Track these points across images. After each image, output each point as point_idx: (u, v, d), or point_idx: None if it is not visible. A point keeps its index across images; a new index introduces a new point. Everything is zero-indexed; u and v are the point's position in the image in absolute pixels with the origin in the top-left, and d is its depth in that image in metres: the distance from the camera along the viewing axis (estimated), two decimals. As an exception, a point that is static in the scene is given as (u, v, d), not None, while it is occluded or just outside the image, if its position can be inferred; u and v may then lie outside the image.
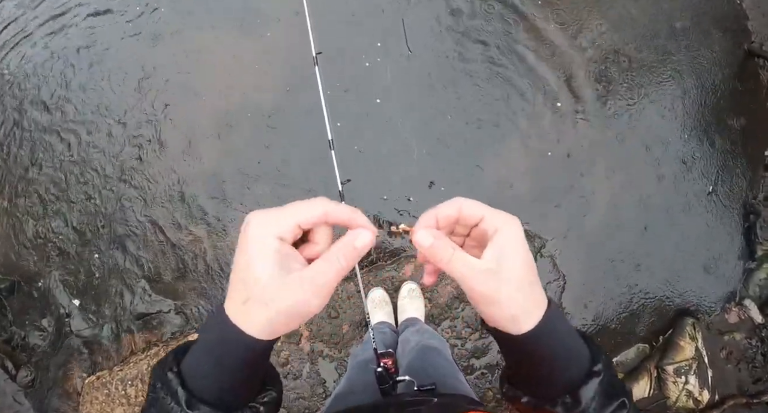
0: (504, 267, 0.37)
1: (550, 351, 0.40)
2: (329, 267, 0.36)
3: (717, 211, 2.15)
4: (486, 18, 2.14)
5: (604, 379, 0.40)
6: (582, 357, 0.41)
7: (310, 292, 0.34)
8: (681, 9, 2.21)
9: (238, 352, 0.35)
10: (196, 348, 0.38)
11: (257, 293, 0.34)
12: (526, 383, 0.44)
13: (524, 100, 2.09)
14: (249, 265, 0.34)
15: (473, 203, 0.41)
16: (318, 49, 0.95)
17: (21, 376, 2.15)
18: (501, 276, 0.37)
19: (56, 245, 2.13)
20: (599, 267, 2.03)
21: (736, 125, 2.23)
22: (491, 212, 0.40)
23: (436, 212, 0.42)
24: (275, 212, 0.36)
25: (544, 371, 0.41)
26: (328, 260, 0.36)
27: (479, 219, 0.40)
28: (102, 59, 2.17)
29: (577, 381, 0.40)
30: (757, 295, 2.15)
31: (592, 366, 0.40)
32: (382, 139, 2.04)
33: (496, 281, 0.37)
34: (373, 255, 1.98)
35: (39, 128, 2.19)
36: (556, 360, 0.40)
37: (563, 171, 2.06)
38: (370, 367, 0.88)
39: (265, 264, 0.34)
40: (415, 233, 0.41)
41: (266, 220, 0.35)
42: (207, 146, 2.08)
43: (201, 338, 0.38)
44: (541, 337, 0.39)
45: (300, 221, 0.36)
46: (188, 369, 0.37)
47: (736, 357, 2.10)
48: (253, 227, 0.35)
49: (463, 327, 1.87)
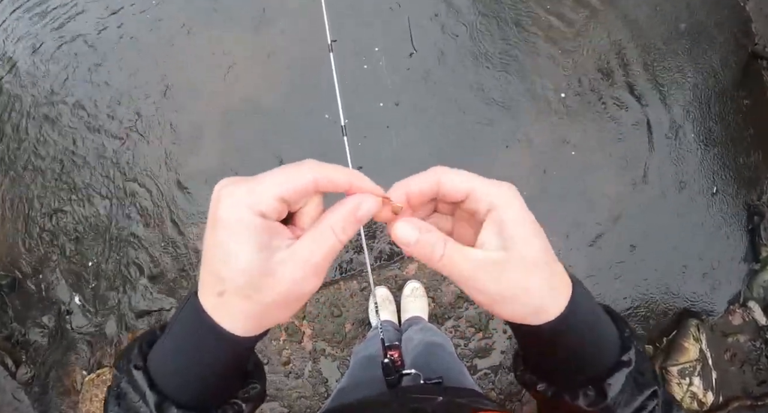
0: (512, 253, 0.30)
1: (576, 340, 0.33)
2: (325, 242, 0.29)
3: (721, 212, 2.14)
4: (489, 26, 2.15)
5: (634, 369, 0.34)
6: (611, 343, 0.35)
7: (301, 274, 0.28)
8: (685, 11, 2.22)
9: (217, 351, 0.30)
10: (167, 342, 0.32)
11: (235, 285, 0.28)
12: (544, 370, 0.38)
13: (532, 100, 2.09)
14: (222, 251, 0.27)
15: (455, 174, 0.32)
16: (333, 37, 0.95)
17: (21, 373, 2.14)
18: (509, 266, 0.30)
19: (58, 241, 2.13)
20: (602, 268, 2.02)
21: (740, 126, 2.23)
22: (480, 184, 0.31)
23: (406, 187, 0.32)
24: (252, 182, 0.28)
25: (568, 361, 0.35)
26: (323, 233, 0.29)
27: (464, 195, 0.32)
28: (106, 54, 2.17)
29: (603, 371, 0.34)
30: (761, 297, 2.14)
31: (621, 354, 0.34)
32: (388, 135, 2.03)
33: (505, 274, 0.30)
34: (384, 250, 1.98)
35: (43, 122, 2.20)
36: (582, 349, 0.34)
37: (567, 170, 2.06)
38: (376, 360, 0.88)
39: (242, 248, 0.27)
40: (395, 228, 0.31)
41: (240, 192, 0.28)
42: (210, 144, 2.08)
43: (172, 331, 0.32)
44: (567, 326, 0.32)
45: (283, 193, 0.28)
46: (157, 366, 0.32)
47: (740, 358, 2.09)
48: (225, 203, 0.28)
49: (467, 327, 1.86)
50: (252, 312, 0.28)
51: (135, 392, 0.31)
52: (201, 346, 0.30)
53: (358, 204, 0.30)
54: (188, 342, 0.31)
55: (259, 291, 0.28)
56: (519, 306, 0.31)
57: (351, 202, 0.30)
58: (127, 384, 0.32)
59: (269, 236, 0.28)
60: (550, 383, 0.37)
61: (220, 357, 0.30)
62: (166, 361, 0.32)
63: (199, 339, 0.30)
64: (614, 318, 0.37)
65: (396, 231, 0.31)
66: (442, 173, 0.32)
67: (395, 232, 0.31)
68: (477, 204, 0.32)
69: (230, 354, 0.31)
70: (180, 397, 0.31)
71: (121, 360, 0.33)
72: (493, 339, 1.86)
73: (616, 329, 0.36)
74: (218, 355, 0.30)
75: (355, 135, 2.02)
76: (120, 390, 0.32)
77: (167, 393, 0.31)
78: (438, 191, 0.32)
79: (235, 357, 0.31)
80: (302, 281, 0.28)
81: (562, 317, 0.32)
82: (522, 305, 0.31)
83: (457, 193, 0.32)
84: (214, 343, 0.30)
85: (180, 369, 0.31)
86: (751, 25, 2.31)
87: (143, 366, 0.32)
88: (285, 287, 0.28)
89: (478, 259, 0.30)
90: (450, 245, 0.31)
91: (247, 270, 0.27)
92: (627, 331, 0.36)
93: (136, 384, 0.31)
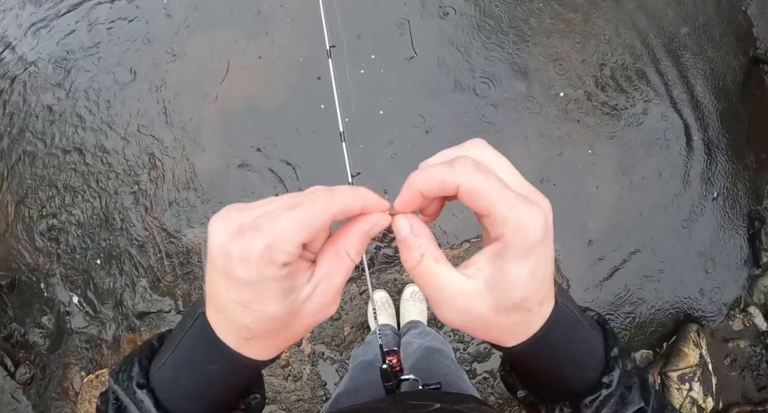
0: (494, 289, 0.28)
1: (551, 359, 0.33)
2: (341, 268, 0.29)
3: (721, 217, 2.14)
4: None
5: (613, 392, 0.33)
6: (593, 365, 0.34)
7: (325, 304, 0.29)
8: (687, 15, 2.22)
9: (233, 374, 0.31)
10: (174, 362, 0.32)
11: (263, 330, 0.28)
12: (526, 380, 0.38)
13: (531, 102, 2.09)
14: (246, 307, 0.27)
15: (479, 182, 0.27)
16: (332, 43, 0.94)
17: (20, 373, 2.14)
18: (485, 301, 0.28)
19: (59, 242, 2.13)
20: (602, 273, 2.02)
21: (741, 130, 2.23)
22: (500, 207, 0.27)
23: (418, 183, 0.29)
24: (267, 233, 0.25)
25: (546, 377, 0.34)
26: (339, 259, 0.29)
27: (485, 213, 0.28)
28: (105, 56, 2.18)
29: (584, 389, 0.33)
30: (761, 302, 2.13)
31: (602, 376, 0.33)
32: (388, 137, 2.04)
33: (477, 305, 0.28)
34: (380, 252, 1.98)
35: (44, 125, 2.20)
36: (560, 367, 0.33)
37: (567, 174, 2.05)
38: (374, 366, 0.88)
39: (268, 303, 0.27)
40: (395, 219, 0.30)
41: (257, 248, 0.25)
42: (210, 148, 2.09)
43: (180, 352, 0.32)
44: (540, 347, 0.31)
45: (304, 239, 0.26)
46: (162, 385, 0.32)
47: (740, 364, 2.09)
48: (242, 263, 0.25)
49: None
50: (278, 345, 0.30)
51: (139, 410, 0.31)
52: (218, 370, 0.30)
53: (371, 226, 0.29)
54: (201, 364, 0.31)
55: (287, 329, 0.29)
56: (478, 334, 0.30)
57: (363, 225, 0.29)
58: (127, 399, 0.31)
59: (292, 281, 0.27)
60: (529, 391, 0.37)
61: (235, 381, 0.32)
62: (175, 383, 0.32)
63: (214, 363, 0.30)
64: (606, 334, 0.36)
65: (395, 223, 0.30)
66: (465, 177, 0.27)
67: (395, 223, 0.30)
68: (492, 227, 0.28)
69: (246, 376, 0.32)
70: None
71: (120, 373, 0.33)
72: (493, 343, 1.86)
73: (603, 348, 0.35)
74: (234, 380, 0.31)
75: (354, 140, 2.02)
76: (120, 404, 0.32)
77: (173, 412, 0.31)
78: (459, 197, 0.29)
79: (250, 377, 0.33)
80: (326, 309, 0.30)
81: (532, 340, 0.31)
82: (482, 334, 0.30)
83: (476, 208, 0.28)
84: (229, 366, 0.30)
85: (190, 391, 0.31)
86: (752, 29, 2.32)
87: (146, 384, 0.32)
88: (311, 319, 0.29)
89: (448, 285, 0.28)
90: (426, 260, 0.29)
91: (275, 319, 0.28)
92: (614, 351, 0.34)
93: (141, 404, 0.31)
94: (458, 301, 0.28)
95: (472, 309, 0.28)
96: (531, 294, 0.28)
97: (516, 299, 0.28)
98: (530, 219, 0.27)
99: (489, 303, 0.28)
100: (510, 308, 0.28)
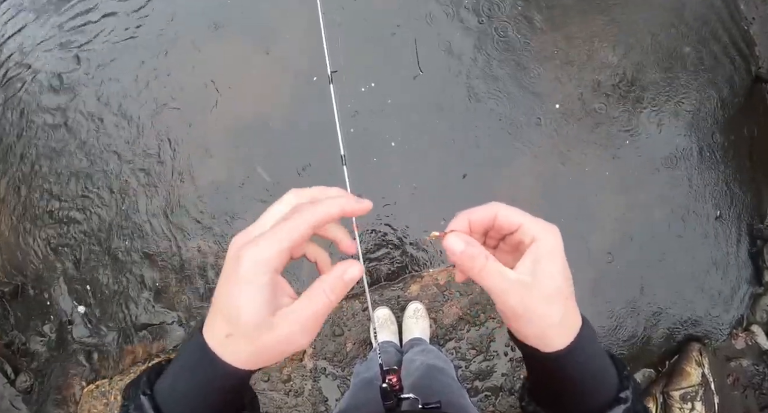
0: (538, 281, 0.36)
1: (578, 372, 0.38)
2: (316, 303, 0.34)
3: (724, 236, 2.14)
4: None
5: (630, 407, 0.38)
6: (610, 381, 0.39)
7: (298, 331, 0.33)
8: (689, 34, 2.24)
9: (217, 379, 0.34)
10: (173, 372, 0.37)
11: (242, 331, 0.33)
12: (548, 400, 0.42)
13: (535, 120, 2.11)
14: (236, 303, 0.33)
15: (511, 209, 0.38)
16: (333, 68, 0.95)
17: (20, 381, 2.14)
18: (534, 291, 0.35)
19: (63, 251, 2.14)
20: (605, 291, 2.02)
21: (744, 149, 2.24)
22: (530, 220, 0.38)
23: (469, 215, 0.39)
24: (265, 241, 0.33)
25: (569, 392, 0.39)
26: (315, 296, 0.34)
27: (516, 227, 0.38)
28: (110, 66, 2.20)
29: (603, 405, 0.38)
30: (764, 321, 2.13)
31: (618, 392, 0.39)
32: (389, 156, 2.05)
33: (529, 296, 0.35)
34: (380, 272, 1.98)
35: (49, 135, 2.22)
36: (583, 382, 0.38)
37: (570, 192, 2.06)
38: (374, 384, 0.88)
39: (255, 304, 0.32)
40: (447, 238, 0.38)
41: (260, 253, 0.33)
42: (214, 160, 2.10)
43: (178, 362, 0.37)
44: (571, 358, 0.37)
45: (288, 249, 0.33)
46: (162, 393, 0.35)
47: (743, 383, 2.08)
48: (247, 262, 0.32)
49: (468, 349, 1.86)
50: (251, 352, 0.34)
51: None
52: (203, 375, 0.35)
53: (344, 270, 0.35)
54: (191, 369, 0.35)
55: (260, 339, 0.33)
56: (528, 325, 0.36)
57: (339, 269, 0.36)
58: (132, 406, 0.35)
59: (275, 294, 0.33)
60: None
61: (219, 383, 0.35)
62: (172, 390, 0.35)
63: (202, 368, 0.34)
64: (614, 360, 0.41)
65: (447, 241, 0.38)
66: (499, 207, 0.39)
67: (447, 241, 0.38)
68: (524, 236, 0.38)
69: (230, 382, 0.35)
70: None
71: (131, 389, 0.36)
72: (494, 362, 1.86)
73: (615, 369, 0.40)
74: (218, 382, 0.35)
75: (364, 151, 2.03)
76: (127, 411, 0.35)
77: None
78: (494, 221, 0.39)
79: (234, 384, 0.36)
80: (295, 336, 0.34)
81: (567, 349, 0.37)
82: (531, 325, 0.36)
83: (510, 225, 0.38)
84: (213, 372, 0.34)
85: (184, 397, 0.35)
86: (755, 48, 2.33)
87: (150, 393, 0.35)
88: (282, 338, 0.33)
89: (510, 278, 0.36)
90: (491, 261, 0.36)
91: (253, 322, 0.32)
92: (625, 372, 0.40)
93: (142, 408, 0.34)
94: (516, 288, 0.36)
95: (526, 299, 0.36)
96: (563, 284, 0.36)
97: (554, 288, 0.36)
98: (549, 228, 0.38)
99: (536, 294, 0.36)
100: (551, 295, 0.36)
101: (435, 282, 1.90)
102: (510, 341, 0.45)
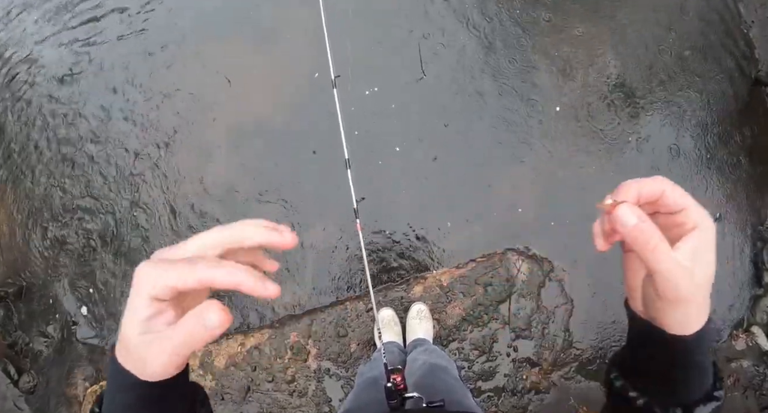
0: (699, 268, 0.36)
1: (693, 359, 0.39)
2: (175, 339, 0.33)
3: (723, 238, 2.15)
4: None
5: (720, 407, 0.39)
6: (708, 377, 0.40)
7: (159, 364, 0.34)
8: (689, 37, 2.25)
9: (134, 392, 0.36)
10: (108, 387, 0.38)
11: (127, 347, 0.35)
12: (643, 381, 0.42)
13: (537, 122, 2.12)
14: (125, 322, 0.35)
15: (677, 189, 0.38)
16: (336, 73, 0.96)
17: (23, 381, 2.15)
18: (695, 277, 0.36)
19: (67, 252, 2.15)
20: (607, 293, 2.03)
21: (743, 152, 2.25)
22: (695, 205, 0.37)
23: (639, 186, 0.38)
24: (157, 270, 0.33)
25: (676, 376, 0.40)
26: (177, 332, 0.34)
27: (680, 209, 0.37)
28: (112, 69, 2.21)
29: (697, 398, 0.39)
30: (764, 322, 2.14)
31: (713, 390, 0.40)
32: (396, 160, 2.06)
33: (691, 282, 0.36)
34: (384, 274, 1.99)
35: (54, 133, 2.23)
36: (693, 369, 0.39)
37: (573, 196, 2.07)
38: (378, 383, 0.89)
39: (132, 326, 0.34)
40: (619, 208, 0.36)
41: (146, 279, 0.33)
42: (215, 165, 2.11)
43: (107, 379, 0.38)
44: (694, 344, 0.38)
45: (176, 285, 0.33)
46: (108, 407, 0.37)
47: (743, 384, 2.09)
48: (136, 284, 0.34)
49: (471, 349, 1.87)
50: (144, 367, 0.35)
51: None
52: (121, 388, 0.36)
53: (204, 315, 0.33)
54: (113, 384, 0.37)
55: (139, 355, 0.34)
56: (680, 310, 0.37)
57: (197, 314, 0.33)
58: None
59: (151, 319, 0.34)
60: (641, 394, 0.42)
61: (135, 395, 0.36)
62: (113, 405, 0.37)
63: (119, 384, 0.36)
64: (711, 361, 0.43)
65: (619, 211, 0.36)
66: (668, 184, 0.38)
67: (619, 212, 0.36)
68: (687, 219, 0.37)
69: (147, 395, 0.36)
70: None
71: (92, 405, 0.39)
72: (497, 362, 1.87)
73: (713, 368, 0.41)
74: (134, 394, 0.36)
75: (370, 156, 2.05)
76: None
77: None
78: (660, 198, 0.38)
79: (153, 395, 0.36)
80: (161, 365, 0.34)
81: (695, 335, 0.38)
82: (684, 311, 0.37)
83: (676, 205, 0.38)
84: (129, 385, 0.35)
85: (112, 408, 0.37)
86: (754, 51, 2.35)
87: (98, 410, 0.37)
88: (156, 366, 0.34)
89: (678, 260, 0.36)
90: (663, 240, 0.36)
91: (131, 340, 0.34)
92: (719, 373, 0.41)
93: None
94: (685, 275, 0.36)
95: (691, 284, 0.36)
96: (711, 276, 0.37)
97: (710, 276, 0.37)
98: (709, 217, 0.38)
99: (696, 280, 0.36)
100: (702, 283, 0.37)
101: (438, 283, 1.91)
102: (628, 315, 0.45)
